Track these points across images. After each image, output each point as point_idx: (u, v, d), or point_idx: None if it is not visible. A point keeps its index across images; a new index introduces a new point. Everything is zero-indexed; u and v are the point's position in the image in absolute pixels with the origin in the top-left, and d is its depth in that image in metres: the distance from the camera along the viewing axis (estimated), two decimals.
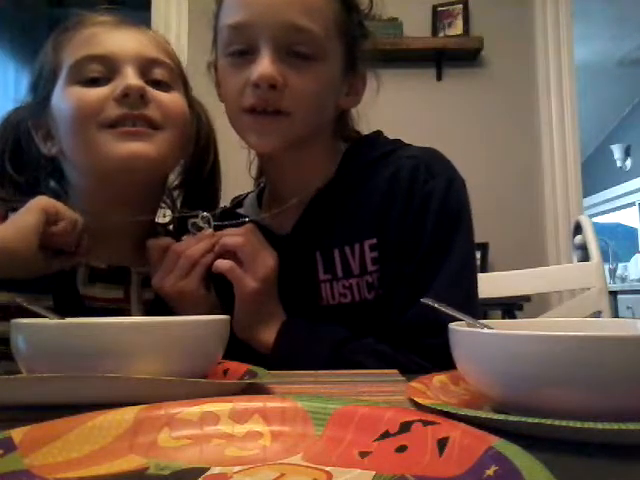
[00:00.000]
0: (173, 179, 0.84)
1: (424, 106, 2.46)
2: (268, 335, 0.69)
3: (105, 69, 0.68)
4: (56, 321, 0.50)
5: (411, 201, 0.68)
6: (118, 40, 0.70)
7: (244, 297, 0.68)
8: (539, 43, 2.23)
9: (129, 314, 0.74)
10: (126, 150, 0.67)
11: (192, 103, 0.81)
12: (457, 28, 2.56)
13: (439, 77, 2.55)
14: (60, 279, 0.71)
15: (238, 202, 0.87)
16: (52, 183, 0.78)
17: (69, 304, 0.71)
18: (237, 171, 0.87)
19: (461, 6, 2.58)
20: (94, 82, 0.68)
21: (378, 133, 0.80)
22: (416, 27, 2.51)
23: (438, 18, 2.59)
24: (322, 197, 0.73)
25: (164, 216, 0.88)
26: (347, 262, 0.70)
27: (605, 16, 3.63)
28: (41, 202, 0.63)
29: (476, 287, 0.71)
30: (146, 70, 0.70)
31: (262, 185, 0.84)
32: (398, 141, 0.78)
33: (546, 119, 2.21)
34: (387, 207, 0.69)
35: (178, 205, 0.86)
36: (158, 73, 0.71)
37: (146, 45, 0.72)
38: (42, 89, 0.72)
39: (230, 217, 0.78)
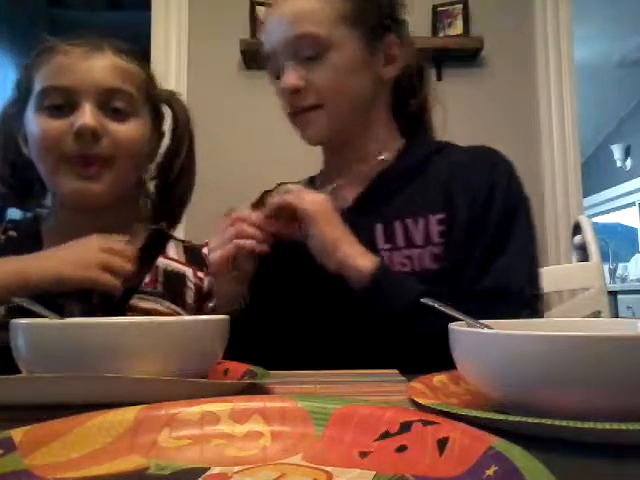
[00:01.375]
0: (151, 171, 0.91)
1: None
2: (366, 261, 0.70)
3: (67, 99, 0.76)
4: (56, 321, 0.50)
5: (481, 184, 0.77)
6: (82, 71, 0.77)
7: (325, 215, 0.71)
8: (539, 43, 2.23)
9: (91, 295, 0.77)
10: (75, 188, 0.77)
11: (159, 107, 0.89)
12: (457, 28, 2.56)
13: (439, 77, 2.55)
14: None
15: (279, 184, 0.94)
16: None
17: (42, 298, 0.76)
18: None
19: (461, 6, 2.58)
20: (58, 109, 0.77)
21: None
22: (416, 27, 2.51)
23: (438, 18, 2.59)
24: (385, 173, 0.82)
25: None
26: (409, 234, 0.77)
27: (605, 16, 3.63)
28: (97, 244, 0.73)
29: (538, 259, 0.80)
30: (105, 100, 0.78)
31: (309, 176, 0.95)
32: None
33: (546, 119, 2.21)
34: (457, 188, 0.77)
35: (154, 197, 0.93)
36: (117, 102, 0.79)
37: (108, 75, 0.79)
38: (20, 101, 0.81)
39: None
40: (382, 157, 0.83)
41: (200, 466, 0.29)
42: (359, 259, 0.70)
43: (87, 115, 0.75)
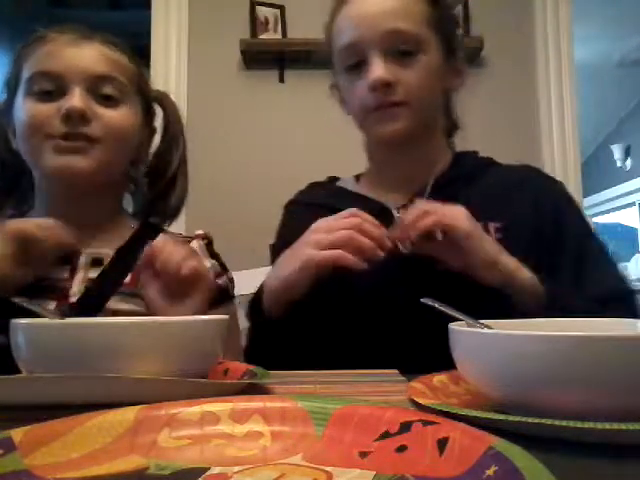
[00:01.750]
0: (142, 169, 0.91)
1: None
2: (526, 273, 0.71)
3: (56, 85, 0.76)
4: (56, 321, 0.50)
5: (545, 197, 0.82)
6: (70, 58, 0.77)
7: (479, 230, 0.71)
8: (539, 43, 2.23)
9: (67, 292, 0.77)
10: (60, 163, 0.76)
11: (151, 104, 0.88)
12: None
13: None
14: None
15: (333, 178, 0.96)
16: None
17: None
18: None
19: (461, 6, 2.58)
20: (47, 94, 0.76)
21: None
22: None
23: None
24: (441, 179, 0.84)
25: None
26: None
27: (605, 16, 3.63)
28: (10, 230, 0.68)
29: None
30: (95, 86, 0.77)
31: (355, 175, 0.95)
32: None
33: (546, 119, 2.21)
34: (516, 199, 0.82)
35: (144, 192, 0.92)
36: (107, 89, 0.78)
37: (97, 62, 0.78)
38: (9, 94, 0.81)
39: (327, 188, 0.92)
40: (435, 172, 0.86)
41: (200, 466, 0.29)
42: (519, 272, 0.71)
43: (76, 98, 0.75)
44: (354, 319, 0.78)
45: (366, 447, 0.31)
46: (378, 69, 0.77)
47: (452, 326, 0.43)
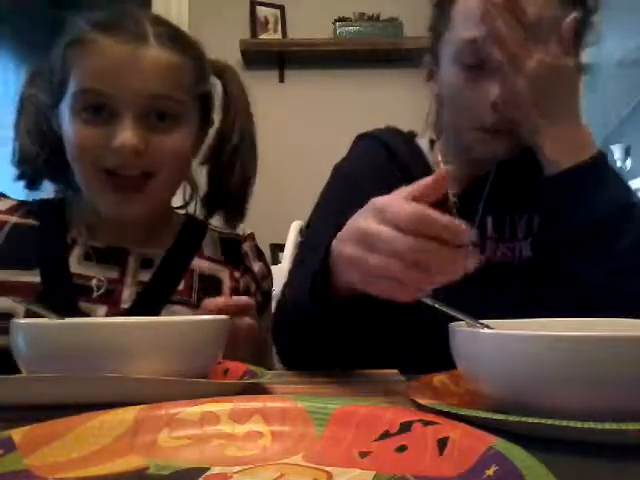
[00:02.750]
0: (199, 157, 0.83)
1: (424, 105, 2.46)
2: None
3: (106, 104, 0.69)
4: (56, 321, 0.50)
5: None
6: (123, 76, 0.68)
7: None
8: None
9: (119, 296, 0.74)
10: (112, 207, 0.72)
11: (211, 95, 0.80)
12: None
13: None
14: (51, 255, 0.74)
15: (414, 133, 0.89)
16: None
17: (57, 281, 0.72)
18: None
19: None
20: (96, 113, 0.69)
21: None
22: (416, 27, 2.51)
23: None
24: (503, 170, 0.78)
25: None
26: (514, 228, 0.77)
27: (605, 16, 3.63)
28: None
29: None
30: (149, 107, 0.70)
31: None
32: None
33: None
34: None
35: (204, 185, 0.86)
36: (162, 108, 0.71)
37: (154, 78, 0.70)
38: (54, 91, 0.73)
39: (406, 139, 0.84)
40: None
41: (200, 466, 0.29)
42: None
43: (128, 132, 0.68)
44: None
45: (366, 447, 0.31)
46: (498, 89, 0.67)
47: (452, 326, 0.43)
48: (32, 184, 0.81)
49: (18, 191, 0.82)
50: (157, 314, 0.74)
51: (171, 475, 0.29)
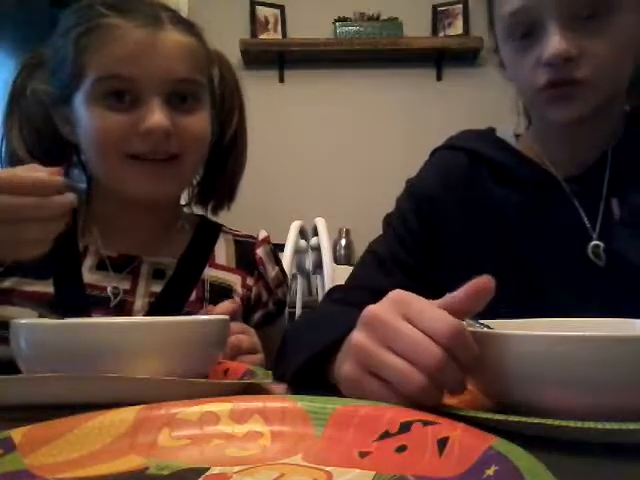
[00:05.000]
0: None
1: (424, 106, 2.46)
2: None
3: (131, 91, 0.68)
4: (56, 321, 0.50)
5: None
6: (147, 60, 0.68)
7: None
8: None
9: (131, 307, 0.73)
10: (145, 189, 0.71)
11: (212, 77, 0.79)
12: (457, 28, 2.57)
13: (439, 77, 2.55)
14: (64, 264, 0.72)
15: (492, 129, 0.83)
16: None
17: (70, 291, 0.71)
18: None
19: (461, 6, 2.58)
20: (119, 100, 0.68)
21: None
22: (416, 27, 2.52)
23: (438, 18, 2.59)
24: (620, 152, 0.71)
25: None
26: (638, 210, 0.69)
27: None
28: None
29: None
30: (173, 90, 0.70)
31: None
32: None
33: None
34: None
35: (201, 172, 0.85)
36: (185, 90, 0.71)
37: (176, 62, 0.70)
38: (63, 85, 0.71)
39: (484, 136, 0.79)
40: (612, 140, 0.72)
41: (200, 466, 0.29)
42: None
43: (157, 114, 0.67)
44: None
45: (366, 447, 0.31)
46: (557, 41, 0.62)
47: None
48: None
49: None
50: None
51: (171, 475, 0.29)
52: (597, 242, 0.67)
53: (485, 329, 0.45)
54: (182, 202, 0.88)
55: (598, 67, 0.63)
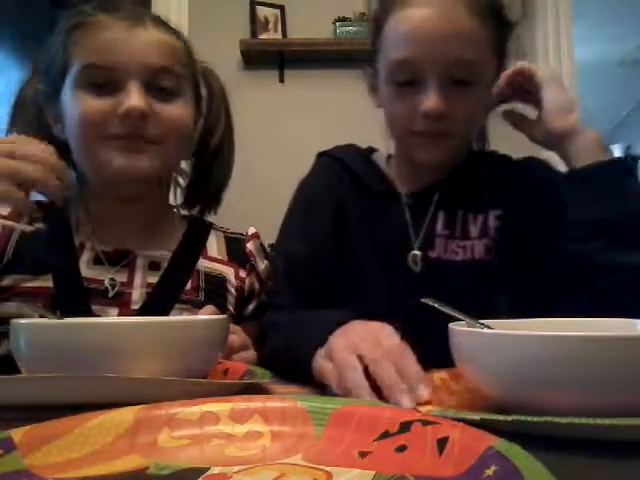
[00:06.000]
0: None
1: None
2: (594, 133, 0.73)
3: (111, 77, 0.71)
4: (56, 321, 0.50)
5: (540, 189, 0.80)
6: (126, 49, 0.71)
7: (559, 80, 0.76)
8: (539, 43, 2.23)
9: (129, 298, 0.75)
10: (122, 163, 0.72)
11: (198, 83, 0.83)
12: None
13: None
14: (62, 259, 0.75)
15: (371, 149, 0.93)
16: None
17: (69, 285, 0.74)
18: None
19: None
20: (101, 88, 0.71)
21: None
22: None
23: None
24: (456, 173, 0.83)
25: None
26: (467, 226, 0.80)
27: (605, 16, 3.63)
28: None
29: None
30: (152, 79, 0.73)
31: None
32: None
33: None
34: (515, 190, 0.81)
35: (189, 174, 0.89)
36: (164, 81, 0.74)
37: (154, 52, 0.73)
38: (53, 80, 0.75)
39: (362, 156, 0.89)
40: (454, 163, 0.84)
41: (200, 466, 0.29)
42: (589, 130, 0.73)
43: (135, 96, 0.70)
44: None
45: (366, 447, 0.31)
46: (435, 99, 0.71)
47: (452, 326, 0.43)
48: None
49: None
50: (166, 314, 0.75)
51: (171, 475, 0.29)
52: (416, 252, 0.79)
53: (485, 329, 0.45)
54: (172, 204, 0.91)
55: (461, 124, 0.74)
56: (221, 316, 0.53)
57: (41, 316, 0.53)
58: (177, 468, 0.29)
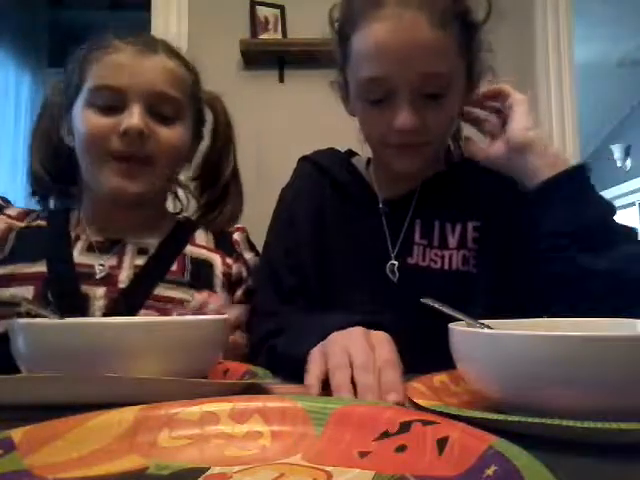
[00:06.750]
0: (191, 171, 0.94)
1: None
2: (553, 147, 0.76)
3: (117, 99, 0.78)
4: (56, 321, 0.50)
5: (519, 200, 0.78)
6: (133, 73, 0.78)
7: (528, 105, 0.78)
8: (539, 43, 2.23)
9: (116, 279, 0.80)
10: (115, 185, 0.79)
11: (202, 110, 0.91)
12: None
13: None
14: (57, 248, 0.82)
15: (352, 153, 0.94)
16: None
17: (61, 269, 0.80)
18: None
19: None
20: (108, 108, 0.78)
21: None
22: None
23: None
24: (433, 182, 0.84)
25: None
26: (445, 236, 0.80)
27: (605, 16, 3.63)
28: None
29: None
30: (153, 104, 0.79)
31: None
32: None
33: (546, 119, 2.20)
34: (492, 199, 0.82)
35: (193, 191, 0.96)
36: (165, 108, 0.80)
37: (158, 79, 0.80)
38: (69, 95, 0.82)
39: (342, 161, 0.90)
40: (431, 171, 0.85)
41: (200, 466, 0.29)
42: (550, 147, 0.76)
43: (135, 116, 0.77)
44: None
45: (365, 447, 0.31)
46: (406, 115, 0.71)
47: (452, 326, 0.43)
48: (42, 200, 0.91)
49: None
50: (151, 292, 0.80)
51: (171, 475, 0.29)
52: (393, 261, 0.79)
53: (485, 329, 0.45)
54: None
55: (435, 133, 0.75)
56: (221, 316, 0.53)
57: (41, 316, 0.53)
58: (177, 468, 0.29)
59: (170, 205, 0.98)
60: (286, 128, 2.21)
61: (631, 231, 0.72)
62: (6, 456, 0.28)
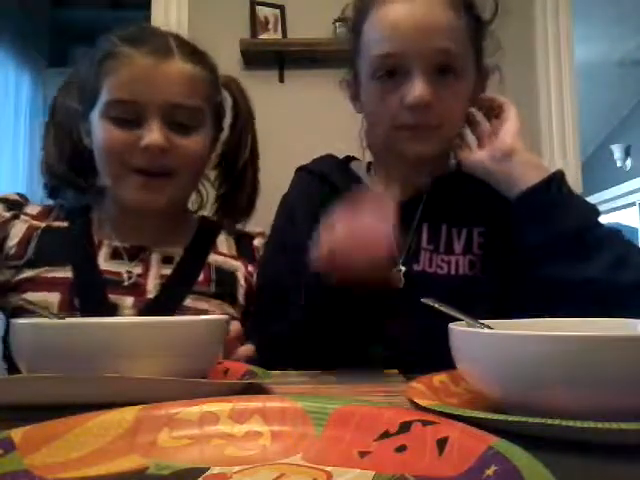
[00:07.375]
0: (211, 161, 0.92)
1: None
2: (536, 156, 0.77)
3: (135, 113, 0.77)
4: (56, 321, 0.50)
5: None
6: (149, 86, 0.77)
7: (519, 116, 0.79)
8: (539, 43, 2.23)
9: (144, 288, 0.81)
10: (137, 198, 0.79)
11: (222, 105, 0.89)
12: None
13: None
14: (81, 253, 0.82)
15: (350, 158, 0.94)
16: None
17: (87, 275, 0.80)
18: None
19: None
20: (125, 120, 0.77)
21: None
22: None
23: None
24: (440, 185, 0.83)
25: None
26: (451, 241, 0.80)
27: (605, 16, 3.63)
28: None
29: None
30: (172, 114, 0.78)
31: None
32: None
33: (546, 119, 2.20)
34: (497, 203, 0.79)
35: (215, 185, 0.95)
36: (183, 117, 0.79)
37: (175, 88, 0.78)
38: (86, 100, 0.81)
39: (341, 168, 0.89)
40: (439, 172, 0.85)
41: (200, 466, 0.29)
42: (535, 157, 0.77)
43: (155, 132, 0.76)
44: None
45: (366, 447, 0.31)
46: (421, 88, 0.72)
47: (452, 326, 0.43)
48: (52, 193, 0.90)
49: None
50: (180, 304, 0.80)
51: (171, 475, 0.29)
52: (400, 267, 0.78)
53: (485, 329, 0.45)
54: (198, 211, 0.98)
55: (447, 116, 0.75)
56: (221, 316, 0.53)
57: (41, 316, 0.53)
58: (177, 468, 0.29)
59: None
60: (286, 128, 2.21)
61: (616, 236, 0.71)
62: (6, 456, 0.28)
